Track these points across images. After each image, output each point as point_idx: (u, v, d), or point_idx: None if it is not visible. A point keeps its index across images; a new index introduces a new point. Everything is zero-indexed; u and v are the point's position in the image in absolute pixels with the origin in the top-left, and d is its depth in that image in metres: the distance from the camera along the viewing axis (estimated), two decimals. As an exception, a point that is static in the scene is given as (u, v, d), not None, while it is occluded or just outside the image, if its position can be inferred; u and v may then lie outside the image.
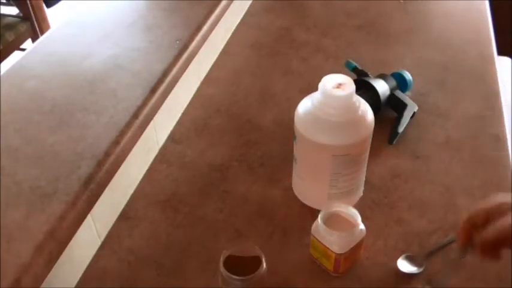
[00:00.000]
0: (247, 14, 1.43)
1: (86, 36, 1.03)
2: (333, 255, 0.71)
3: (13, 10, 2.28)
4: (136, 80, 0.91)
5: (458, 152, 0.97)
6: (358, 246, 0.73)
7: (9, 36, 2.13)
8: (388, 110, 1.03)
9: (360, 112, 0.75)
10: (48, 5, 2.32)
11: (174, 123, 1.04)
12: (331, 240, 0.71)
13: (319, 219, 0.71)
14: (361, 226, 0.73)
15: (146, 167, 0.94)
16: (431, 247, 0.76)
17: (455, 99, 1.10)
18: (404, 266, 0.75)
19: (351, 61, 1.08)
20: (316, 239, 0.73)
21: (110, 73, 0.92)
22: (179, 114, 1.07)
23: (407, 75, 1.06)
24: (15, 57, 1.45)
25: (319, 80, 0.73)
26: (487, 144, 0.98)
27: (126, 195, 0.89)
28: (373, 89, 1.00)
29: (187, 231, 0.83)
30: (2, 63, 2.01)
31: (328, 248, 0.72)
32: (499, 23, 1.47)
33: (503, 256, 0.58)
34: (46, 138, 0.79)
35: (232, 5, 1.27)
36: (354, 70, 1.07)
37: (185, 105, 1.10)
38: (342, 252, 0.71)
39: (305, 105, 0.76)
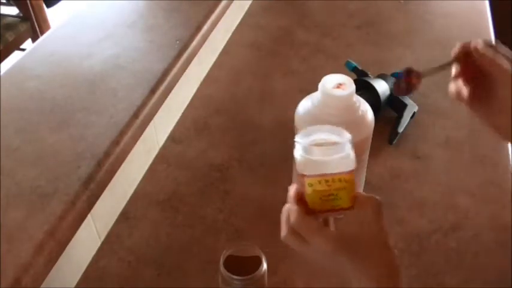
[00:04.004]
0: (247, 14, 1.43)
1: (86, 36, 1.03)
2: (298, 177, 0.54)
3: (13, 10, 2.28)
4: (136, 80, 0.91)
5: (458, 152, 0.97)
6: (337, 182, 0.52)
7: (9, 36, 2.13)
8: (388, 110, 1.03)
9: (360, 112, 0.75)
10: (48, 5, 2.32)
11: (174, 123, 1.04)
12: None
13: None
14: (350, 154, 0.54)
15: (146, 167, 0.94)
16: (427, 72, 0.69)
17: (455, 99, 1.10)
18: None
19: (351, 61, 1.08)
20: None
21: (110, 73, 0.92)
22: (179, 114, 1.07)
23: (408, 75, 1.06)
24: (15, 57, 1.45)
25: (319, 80, 0.73)
26: (487, 144, 0.98)
27: (126, 195, 0.89)
28: (373, 89, 0.99)
29: (187, 231, 0.83)
30: (2, 63, 2.01)
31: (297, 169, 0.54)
32: (499, 23, 1.47)
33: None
34: (46, 138, 0.79)
35: (232, 5, 1.27)
36: (354, 70, 1.07)
37: (185, 105, 1.09)
38: (306, 173, 0.52)
39: (305, 105, 0.76)
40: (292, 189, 0.55)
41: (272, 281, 0.71)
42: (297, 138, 0.55)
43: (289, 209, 0.54)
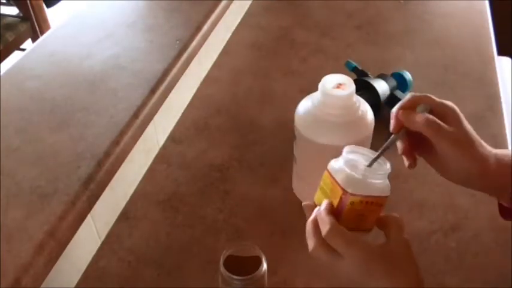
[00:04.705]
0: (247, 14, 1.43)
1: (86, 36, 1.03)
2: (340, 192, 0.55)
3: (13, 10, 2.28)
4: (136, 80, 0.91)
5: (458, 152, 0.97)
6: (373, 205, 0.56)
7: (9, 36, 2.13)
8: (388, 110, 1.02)
9: (360, 112, 0.75)
10: (48, 5, 2.32)
11: (174, 123, 1.04)
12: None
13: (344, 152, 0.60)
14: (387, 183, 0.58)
15: (146, 167, 0.94)
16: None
17: (455, 99, 1.08)
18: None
19: (351, 61, 1.08)
20: (330, 173, 0.58)
21: (109, 73, 0.92)
22: (179, 114, 1.07)
23: (407, 75, 1.06)
24: (15, 57, 1.45)
25: (319, 80, 0.73)
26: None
27: (126, 195, 0.89)
28: (373, 89, 0.99)
29: (187, 231, 0.83)
30: (2, 63, 2.01)
31: (338, 184, 0.56)
32: (499, 23, 1.47)
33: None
34: (46, 138, 0.79)
35: (232, 5, 1.27)
36: (354, 70, 1.07)
37: (185, 105, 1.10)
38: (351, 192, 0.55)
39: (305, 105, 0.76)
40: (325, 202, 0.56)
41: (272, 281, 0.71)
42: (344, 153, 0.58)
43: (322, 220, 0.54)
